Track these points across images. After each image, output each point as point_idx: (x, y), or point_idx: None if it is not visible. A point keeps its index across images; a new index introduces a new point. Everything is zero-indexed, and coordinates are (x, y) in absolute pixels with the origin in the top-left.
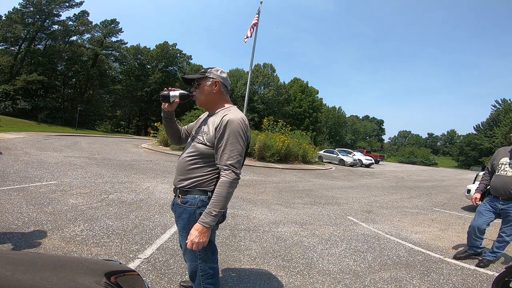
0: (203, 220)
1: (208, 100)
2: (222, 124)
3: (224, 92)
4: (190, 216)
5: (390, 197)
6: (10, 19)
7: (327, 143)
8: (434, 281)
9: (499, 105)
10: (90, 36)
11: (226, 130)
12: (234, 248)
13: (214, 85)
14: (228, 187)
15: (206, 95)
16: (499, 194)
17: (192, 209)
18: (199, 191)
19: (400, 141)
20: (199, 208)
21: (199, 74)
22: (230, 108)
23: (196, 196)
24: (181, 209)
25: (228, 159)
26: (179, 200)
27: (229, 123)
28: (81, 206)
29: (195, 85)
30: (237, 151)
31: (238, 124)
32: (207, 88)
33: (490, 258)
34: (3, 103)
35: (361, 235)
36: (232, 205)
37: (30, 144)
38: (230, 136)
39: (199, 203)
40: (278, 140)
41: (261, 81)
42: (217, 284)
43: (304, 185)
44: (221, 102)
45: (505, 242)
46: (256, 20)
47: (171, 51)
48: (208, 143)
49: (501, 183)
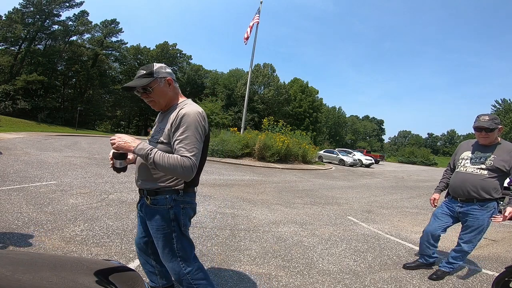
0: (139, 146)
1: (168, 100)
2: (178, 117)
3: (177, 87)
4: (164, 217)
5: (390, 197)
6: (10, 19)
7: (327, 143)
8: (434, 281)
9: (499, 105)
10: (90, 36)
11: (182, 123)
12: (234, 248)
13: (168, 84)
14: (176, 165)
15: (164, 97)
16: (457, 195)
17: (164, 210)
18: (170, 191)
19: (400, 141)
20: (172, 208)
21: (147, 78)
22: (185, 102)
23: (167, 196)
24: (152, 210)
25: (185, 152)
26: (148, 201)
27: (186, 116)
28: (81, 206)
29: (148, 91)
30: (194, 144)
31: (194, 117)
32: (163, 89)
33: (446, 269)
34: (3, 103)
35: (361, 235)
36: (232, 205)
37: (30, 144)
38: (187, 129)
39: (172, 203)
40: (278, 140)
41: (261, 81)
42: (207, 278)
43: (304, 185)
44: (176, 97)
45: (463, 252)
46: (257, 20)
47: (171, 51)
48: (165, 140)
49: (459, 181)
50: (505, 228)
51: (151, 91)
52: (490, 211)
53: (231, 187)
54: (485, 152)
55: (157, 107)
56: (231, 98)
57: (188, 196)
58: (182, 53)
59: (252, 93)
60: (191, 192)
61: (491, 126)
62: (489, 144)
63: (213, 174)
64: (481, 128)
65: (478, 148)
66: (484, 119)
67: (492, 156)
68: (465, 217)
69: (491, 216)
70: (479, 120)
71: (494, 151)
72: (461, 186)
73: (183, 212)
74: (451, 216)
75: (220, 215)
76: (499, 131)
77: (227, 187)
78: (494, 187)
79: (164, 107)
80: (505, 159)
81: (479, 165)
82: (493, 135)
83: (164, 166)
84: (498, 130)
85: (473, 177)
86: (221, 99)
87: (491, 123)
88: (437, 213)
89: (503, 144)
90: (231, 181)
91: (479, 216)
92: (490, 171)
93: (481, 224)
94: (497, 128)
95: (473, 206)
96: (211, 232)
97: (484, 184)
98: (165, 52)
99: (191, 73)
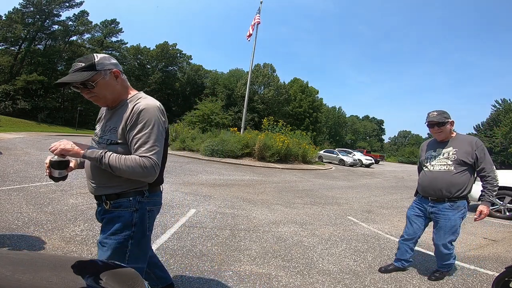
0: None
1: (116, 95)
2: (135, 113)
3: (125, 79)
4: (125, 221)
5: (390, 197)
6: (10, 19)
7: (327, 143)
8: (434, 281)
9: (499, 105)
10: (90, 36)
11: (140, 120)
12: (234, 248)
13: (115, 77)
14: (135, 166)
15: (112, 91)
16: (428, 194)
17: (128, 213)
18: (134, 192)
19: (400, 141)
20: (137, 211)
21: (87, 72)
22: (139, 95)
23: (131, 198)
24: (113, 214)
25: (145, 152)
26: (107, 206)
27: (144, 112)
28: (81, 206)
29: (89, 86)
30: (155, 142)
31: (153, 112)
32: (109, 83)
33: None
34: (3, 103)
35: (361, 235)
36: (232, 205)
37: (30, 144)
38: (145, 126)
39: (137, 205)
40: (278, 140)
41: (261, 81)
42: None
43: (304, 185)
44: (126, 91)
45: (444, 254)
46: (258, 20)
47: (171, 51)
48: (120, 140)
49: (428, 180)
50: (505, 228)
51: (94, 86)
52: (461, 210)
53: (231, 187)
54: (445, 147)
55: (102, 103)
56: (231, 98)
57: (154, 196)
58: (182, 53)
59: (252, 93)
60: (158, 191)
61: (440, 119)
62: (446, 139)
63: (213, 174)
64: (432, 123)
65: (438, 145)
66: (433, 115)
67: (454, 149)
68: (437, 218)
69: (463, 217)
70: (429, 116)
71: (454, 144)
72: (431, 186)
73: (149, 215)
74: (425, 217)
75: (220, 215)
76: (451, 125)
77: (227, 187)
78: (463, 183)
79: (111, 103)
80: (467, 150)
81: (445, 160)
82: (446, 129)
83: (122, 169)
84: (450, 124)
85: (442, 174)
86: (221, 99)
87: (440, 117)
88: (411, 216)
89: (461, 137)
90: (231, 181)
91: (451, 217)
92: (456, 166)
93: (453, 224)
94: (447, 121)
95: (444, 205)
96: (211, 232)
97: (453, 181)
98: (165, 52)
99: (191, 73)
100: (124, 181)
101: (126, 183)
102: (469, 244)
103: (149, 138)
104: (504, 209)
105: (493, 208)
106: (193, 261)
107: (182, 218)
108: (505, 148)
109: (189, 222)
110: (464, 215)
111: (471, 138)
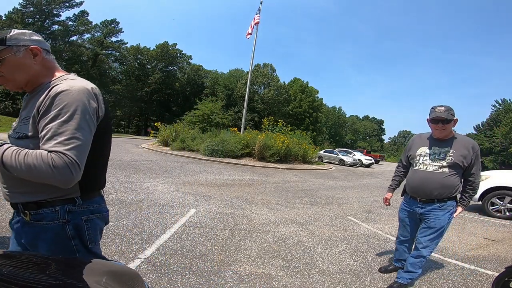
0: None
1: (30, 77)
2: (49, 97)
3: (50, 59)
4: (57, 236)
5: None
6: (10, 19)
7: (327, 143)
8: (434, 281)
9: (499, 105)
10: (90, 36)
11: (56, 104)
12: (234, 248)
13: (34, 55)
14: (40, 165)
15: (24, 72)
16: (417, 195)
17: (56, 226)
18: (61, 201)
19: (400, 141)
20: (68, 223)
21: None
22: (65, 77)
23: (57, 208)
24: (36, 229)
25: (57, 145)
26: (27, 217)
27: (62, 95)
28: None
29: None
30: (74, 133)
31: (77, 94)
32: (21, 61)
33: (403, 281)
34: (3, 103)
35: (361, 235)
36: (232, 205)
37: None
38: (63, 112)
39: (67, 216)
40: (278, 140)
41: (261, 81)
42: None
43: (304, 185)
44: (49, 73)
45: (422, 257)
46: (258, 20)
47: (171, 51)
48: (30, 133)
49: (419, 180)
50: (505, 228)
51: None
52: (450, 210)
53: (231, 187)
54: (442, 147)
55: (12, 86)
56: (231, 98)
57: (92, 203)
58: (182, 53)
59: (252, 93)
60: (96, 196)
61: (448, 117)
62: (444, 138)
63: (213, 174)
64: (438, 119)
65: (434, 143)
66: (440, 110)
67: (451, 151)
68: (426, 218)
69: (450, 217)
70: (435, 111)
71: (452, 145)
72: (422, 186)
73: (88, 226)
74: (415, 218)
75: (220, 215)
76: (454, 123)
77: (227, 187)
78: (455, 185)
79: (25, 86)
80: (464, 154)
81: (440, 161)
82: (450, 127)
83: (20, 168)
84: (453, 122)
85: (435, 176)
86: (221, 99)
87: (447, 114)
88: (403, 218)
89: (460, 138)
90: (231, 181)
91: (440, 216)
92: (450, 168)
93: (442, 224)
94: (453, 119)
95: (433, 206)
96: (211, 232)
97: (446, 182)
98: (165, 52)
99: (191, 73)
100: (47, 187)
101: (50, 189)
102: (469, 244)
103: (66, 128)
104: (504, 209)
105: (493, 208)
106: (193, 261)
107: (182, 218)
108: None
109: (189, 222)
110: (452, 215)
111: (469, 141)
